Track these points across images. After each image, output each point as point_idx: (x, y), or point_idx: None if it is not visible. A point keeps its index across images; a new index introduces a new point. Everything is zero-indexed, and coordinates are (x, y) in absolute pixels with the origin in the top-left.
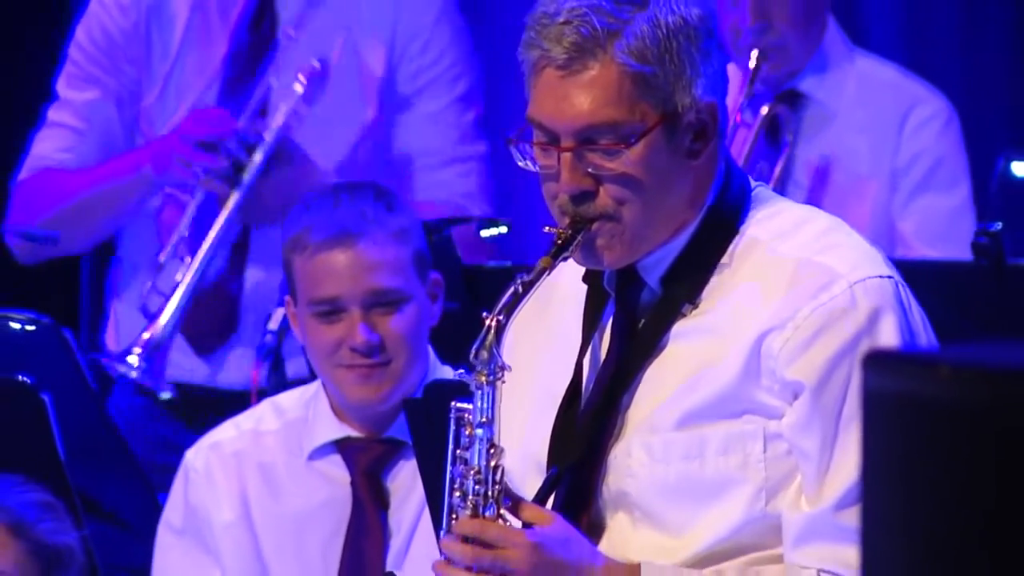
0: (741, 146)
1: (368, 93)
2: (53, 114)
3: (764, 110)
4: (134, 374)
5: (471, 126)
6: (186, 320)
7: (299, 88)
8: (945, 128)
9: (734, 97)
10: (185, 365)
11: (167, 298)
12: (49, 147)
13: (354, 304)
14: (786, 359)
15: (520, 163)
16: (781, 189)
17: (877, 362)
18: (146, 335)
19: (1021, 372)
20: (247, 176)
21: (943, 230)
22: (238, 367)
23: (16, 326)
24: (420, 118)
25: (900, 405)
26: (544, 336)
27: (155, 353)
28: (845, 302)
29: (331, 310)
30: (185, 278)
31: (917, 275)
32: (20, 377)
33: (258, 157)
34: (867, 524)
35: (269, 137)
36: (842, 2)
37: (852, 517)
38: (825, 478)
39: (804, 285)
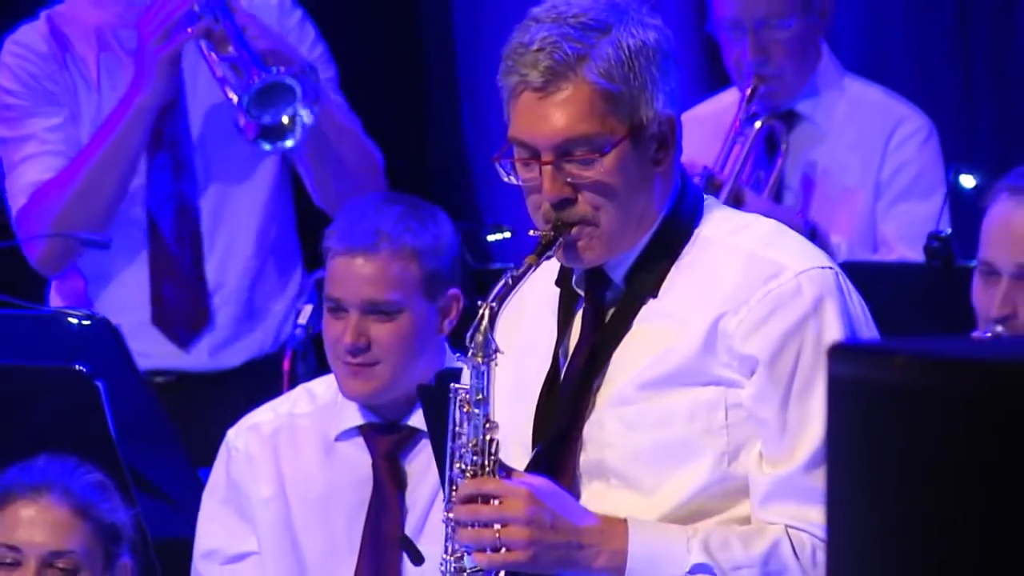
0: (738, 156)
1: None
2: (12, 155)
3: (757, 125)
4: None
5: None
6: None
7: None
8: (925, 143)
9: (733, 115)
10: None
11: None
12: (31, 175)
13: (353, 308)
14: (741, 337)
15: (505, 179)
16: (777, 195)
17: (840, 352)
18: None
19: (965, 360)
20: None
21: (921, 232)
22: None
23: (74, 321)
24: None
25: (860, 389)
26: (519, 336)
27: None
28: (792, 288)
29: (336, 308)
30: None
31: (878, 275)
32: (77, 366)
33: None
34: (832, 493)
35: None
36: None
37: (815, 479)
38: (785, 442)
39: (755, 275)
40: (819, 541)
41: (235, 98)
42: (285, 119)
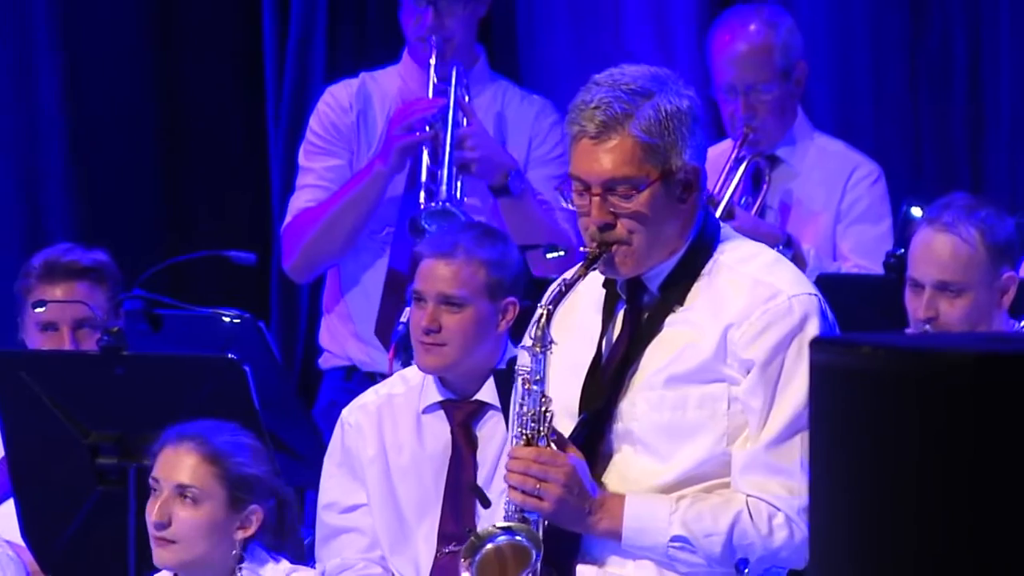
0: (730, 184)
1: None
2: (300, 179)
3: (744, 164)
4: None
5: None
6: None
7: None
8: (875, 183)
9: (728, 155)
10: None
11: None
12: (301, 200)
13: (431, 299)
14: (743, 345)
15: (564, 204)
16: (761, 214)
17: (819, 345)
18: None
19: (913, 349)
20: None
21: (870, 249)
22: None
23: (227, 319)
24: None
25: (834, 373)
26: (569, 328)
27: None
28: (785, 308)
29: (419, 299)
30: None
31: (846, 285)
32: (229, 355)
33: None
34: (814, 458)
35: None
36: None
37: (777, 456)
38: (761, 426)
39: (757, 296)
40: (773, 509)
41: (421, 204)
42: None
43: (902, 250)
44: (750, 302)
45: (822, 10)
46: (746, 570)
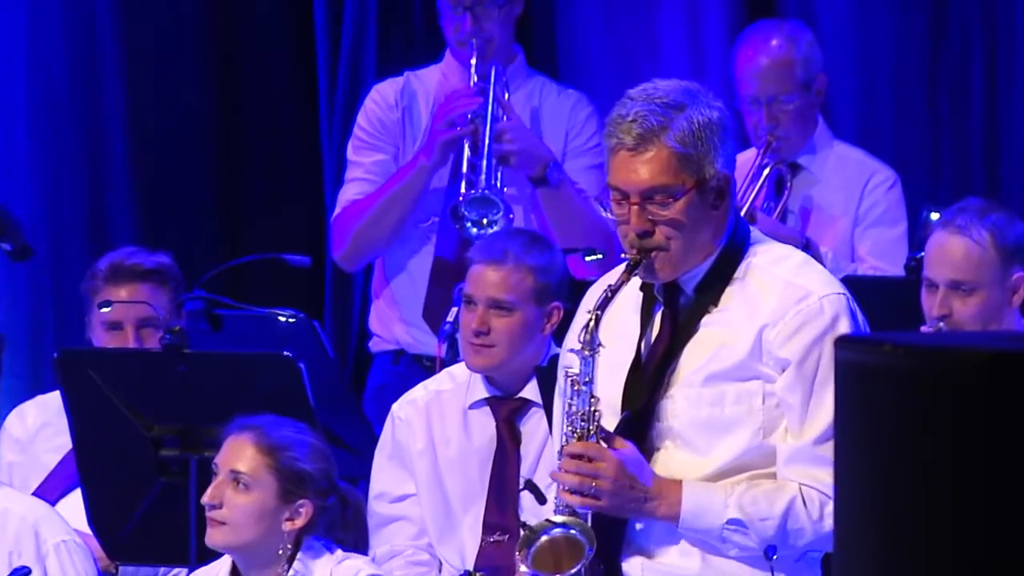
0: (754, 190)
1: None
2: (349, 173)
3: (767, 171)
4: None
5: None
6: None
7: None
8: (892, 188)
9: (752, 163)
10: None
11: None
12: (350, 193)
13: (480, 302)
14: (778, 344)
15: (603, 213)
16: (782, 219)
17: (844, 343)
18: None
19: (933, 347)
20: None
21: (886, 251)
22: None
23: (283, 319)
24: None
25: (859, 369)
26: (610, 329)
27: None
28: (816, 308)
29: (469, 302)
30: None
31: (871, 286)
32: (285, 352)
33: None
34: (839, 448)
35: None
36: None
37: (824, 450)
38: (805, 421)
39: (789, 297)
40: (825, 497)
41: (462, 193)
42: (485, 220)
43: (921, 254)
44: (783, 303)
45: (845, 26)
46: (774, 556)
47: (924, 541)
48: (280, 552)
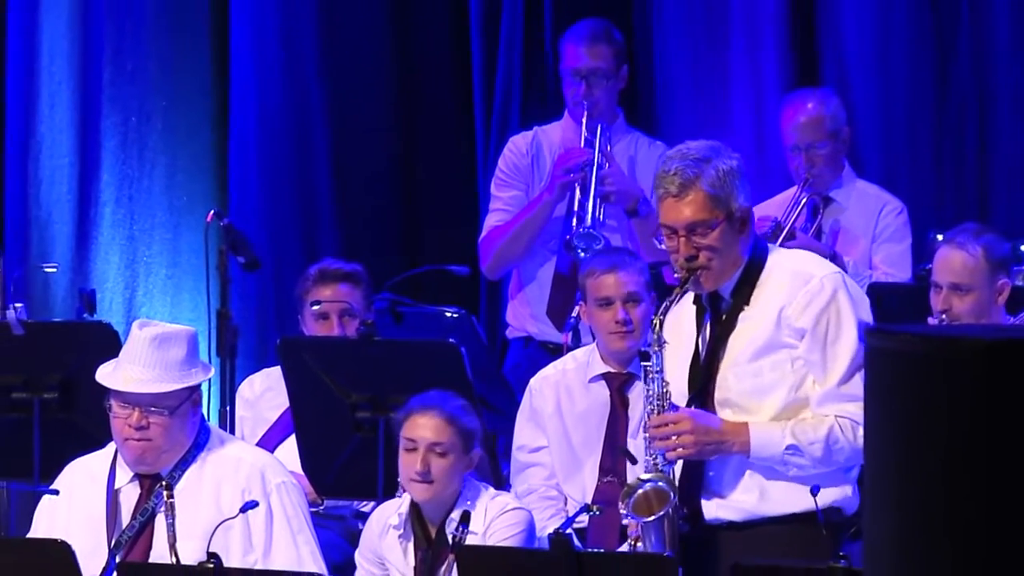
0: (793, 215)
1: None
2: (491, 205)
3: (804, 200)
4: None
5: None
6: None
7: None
8: (899, 214)
9: (793, 195)
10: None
11: None
12: (492, 220)
13: (617, 300)
14: (795, 317)
15: (660, 246)
16: (816, 237)
17: (871, 332)
18: None
19: (941, 336)
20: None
21: (895, 262)
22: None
23: (449, 315)
24: None
25: (882, 354)
26: (677, 335)
27: None
28: (819, 286)
29: (606, 303)
30: None
31: (888, 290)
32: (450, 340)
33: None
34: (869, 426)
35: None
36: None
37: (848, 388)
38: (827, 371)
39: (798, 282)
40: (855, 423)
41: (573, 226)
42: (589, 249)
43: (930, 265)
44: (793, 287)
45: (872, 89)
46: (818, 493)
47: (938, 491)
48: (458, 490)
